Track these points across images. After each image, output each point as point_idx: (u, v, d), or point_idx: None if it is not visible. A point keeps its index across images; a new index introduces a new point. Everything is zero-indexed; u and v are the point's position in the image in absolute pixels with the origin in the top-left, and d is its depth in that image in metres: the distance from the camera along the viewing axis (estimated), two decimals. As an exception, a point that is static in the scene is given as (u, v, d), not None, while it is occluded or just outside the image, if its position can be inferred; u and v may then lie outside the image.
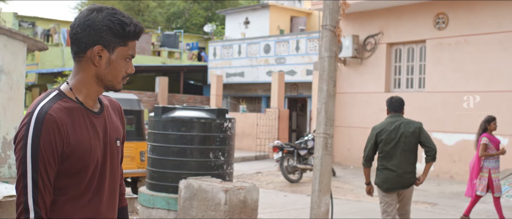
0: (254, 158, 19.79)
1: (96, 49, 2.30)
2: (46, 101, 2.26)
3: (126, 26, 2.34)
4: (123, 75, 2.42)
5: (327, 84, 7.82)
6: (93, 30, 2.29)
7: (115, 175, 2.49)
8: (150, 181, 8.80)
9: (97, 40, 2.30)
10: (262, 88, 24.92)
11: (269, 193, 12.73)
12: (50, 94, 2.32)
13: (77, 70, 2.37)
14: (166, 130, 8.64)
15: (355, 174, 15.71)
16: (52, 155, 2.19)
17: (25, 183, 2.15)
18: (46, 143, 2.17)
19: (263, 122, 21.12)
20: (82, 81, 2.36)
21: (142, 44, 30.37)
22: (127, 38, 2.36)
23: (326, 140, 7.77)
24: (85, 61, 2.34)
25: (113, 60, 2.35)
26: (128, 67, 2.42)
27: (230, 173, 8.93)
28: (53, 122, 2.19)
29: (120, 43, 2.35)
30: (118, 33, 2.32)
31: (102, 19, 2.30)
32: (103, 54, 2.32)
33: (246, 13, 27.50)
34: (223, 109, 8.99)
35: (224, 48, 25.61)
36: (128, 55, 2.40)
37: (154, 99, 24.61)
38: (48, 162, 2.18)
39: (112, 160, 2.45)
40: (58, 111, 2.23)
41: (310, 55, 21.60)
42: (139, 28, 2.40)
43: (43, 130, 2.17)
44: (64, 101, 2.29)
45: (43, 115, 2.20)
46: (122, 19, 2.34)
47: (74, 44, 2.34)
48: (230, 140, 8.90)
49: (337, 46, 8.03)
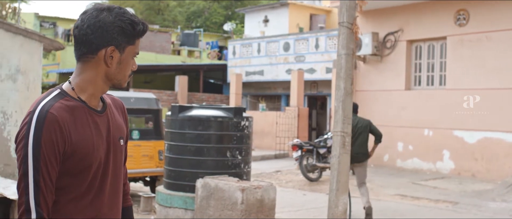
0: (273, 157, 19.73)
1: (109, 50, 2.28)
2: (47, 100, 2.23)
3: (136, 26, 2.33)
4: (129, 73, 2.42)
5: (345, 82, 7.73)
6: (105, 31, 2.26)
7: (118, 174, 2.44)
8: (167, 180, 8.79)
9: (110, 41, 2.28)
10: (281, 87, 24.84)
11: (288, 192, 12.66)
12: (52, 93, 2.28)
13: (82, 69, 2.33)
14: (183, 129, 8.61)
15: (375, 172, 15.57)
16: (54, 154, 2.16)
17: (26, 183, 2.12)
18: (48, 142, 2.14)
19: (283, 120, 21.04)
20: (88, 80, 2.32)
21: (162, 43, 30.43)
22: (136, 36, 2.35)
23: (344, 138, 7.68)
24: (95, 61, 2.31)
25: (123, 60, 2.34)
26: (132, 64, 2.41)
27: (248, 172, 8.89)
28: (54, 121, 2.16)
29: (129, 42, 2.33)
30: (129, 32, 2.31)
31: (113, 19, 2.28)
32: (114, 55, 2.31)
33: (265, 11, 27.43)
34: (240, 107, 8.94)
35: (243, 46, 25.57)
36: (136, 53, 2.40)
37: (173, 98, 24.64)
38: (49, 161, 2.15)
39: (115, 160, 2.41)
40: (60, 110, 2.19)
41: (330, 53, 21.47)
42: (146, 26, 2.40)
43: (45, 129, 2.14)
44: (66, 100, 2.25)
45: (45, 114, 2.16)
46: (132, 19, 2.32)
47: (83, 45, 2.30)
48: (247, 138, 8.85)
49: (354, 43, 7.94)
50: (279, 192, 11.75)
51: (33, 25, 28.81)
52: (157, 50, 29.78)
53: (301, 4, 27.06)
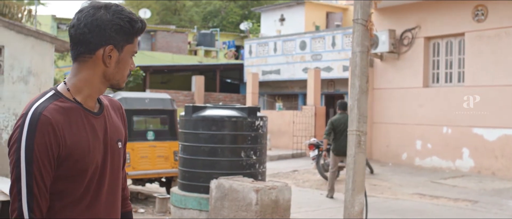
0: (290, 156, 19.62)
1: (107, 49, 2.20)
2: (41, 102, 2.14)
3: (135, 23, 2.25)
4: (128, 72, 2.33)
5: (360, 79, 7.61)
6: (103, 30, 2.18)
7: (116, 178, 2.36)
8: (182, 181, 8.72)
9: (108, 40, 2.20)
10: (298, 86, 24.71)
11: (305, 192, 12.56)
12: (46, 94, 2.20)
13: (79, 69, 2.25)
14: (197, 129, 8.54)
15: (393, 171, 15.41)
16: (47, 158, 2.07)
17: (19, 188, 2.04)
18: (41, 146, 2.06)
19: (300, 119, 20.91)
20: (85, 81, 2.24)
21: (178, 43, 30.45)
22: (135, 35, 2.27)
23: (359, 137, 7.55)
24: (93, 61, 2.23)
25: (121, 59, 2.26)
26: (131, 63, 2.33)
27: (263, 172, 8.79)
28: (47, 123, 2.08)
29: (128, 41, 2.26)
30: (127, 31, 2.23)
31: (111, 17, 2.20)
32: (113, 54, 2.23)
33: (281, 10, 27.32)
34: (255, 107, 8.85)
35: (259, 45, 25.47)
36: (134, 51, 2.31)
37: (190, 98, 24.62)
38: (43, 165, 2.07)
39: (113, 163, 2.32)
40: (54, 112, 2.11)
41: (347, 51, 21.31)
42: (145, 24, 2.32)
43: (37, 132, 2.06)
44: (60, 101, 2.17)
45: (37, 116, 2.08)
46: (131, 16, 2.24)
47: (80, 44, 2.22)
48: (262, 138, 8.76)
49: (369, 41, 7.81)
50: (296, 192, 11.66)
51: (50, 27, 28.94)
52: (174, 51, 29.80)
53: (317, 2, 26.92)
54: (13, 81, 7.17)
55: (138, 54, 18.31)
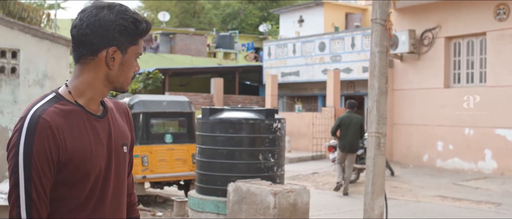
0: (310, 158, 19.48)
1: (110, 51, 2.12)
2: (40, 104, 2.06)
3: (140, 24, 2.16)
4: (132, 75, 2.24)
5: (379, 80, 7.46)
6: (106, 31, 2.10)
7: (121, 184, 2.27)
8: (199, 185, 8.66)
9: (111, 41, 2.11)
10: (317, 87, 24.56)
11: (325, 194, 12.43)
12: (46, 97, 2.13)
13: (81, 71, 2.17)
14: (214, 132, 8.48)
15: (414, 173, 15.21)
16: (47, 163, 1.99)
17: (17, 195, 1.96)
18: (40, 151, 1.98)
19: (319, 121, 20.76)
20: (87, 83, 2.16)
21: (197, 46, 30.45)
22: (139, 36, 2.19)
23: (379, 139, 7.41)
24: (95, 63, 2.14)
25: (125, 61, 2.18)
26: (136, 66, 2.24)
27: (281, 175, 8.70)
28: (47, 127, 2.00)
29: (132, 42, 2.17)
30: (131, 32, 2.15)
31: (114, 18, 2.12)
32: (116, 56, 2.14)
33: (300, 11, 27.19)
34: (272, 109, 8.77)
35: (278, 47, 25.37)
36: (138, 53, 2.22)
37: (209, 101, 24.58)
38: (42, 171, 1.99)
39: (117, 168, 2.24)
40: (53, 115, 2.03)
41: (366, 51, 21.11)
42: (149, 25, 2.23)
43: (36, 136, 1.98)
44: (61, 104, 2.09)
45: (36, 119, 2.00)
46: (135, 17, 2.16)
47: (82, 46, 2.14)
48: (280, 141, 8.67)
49: (388, 41, 7.66)
50: (316, 195, 11.54)
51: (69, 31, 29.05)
52: (193, 53, 29.80)
53: (336, 3, 26.75)
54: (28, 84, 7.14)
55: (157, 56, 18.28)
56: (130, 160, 2.41)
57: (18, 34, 7.00)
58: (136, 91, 21.80)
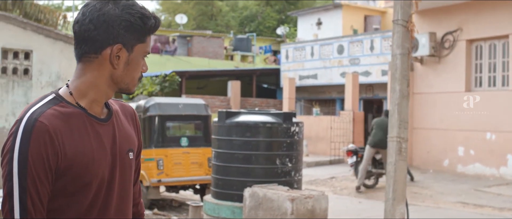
0: (328, 163, 19.24)
1: (115, 48, 1.94)
2: (38, 106, 1.89)
3: (148, 20, 1.98)
4: (139, 75, 2.06)
5: (400, 83, 7.23)
6: (110, 27, 1.92)
7: (126, 193, 2.08)
8: (215, 189, 8.50)
9: (115, 37, 1.94)
10: (336, 90, 24.32)
11: (343, 200, 12.21)
12: (45, 98, 1.95)
13: (83, 71, 1.99)
14: (230, 135, 8.31)
15: (435, 178, 14.92)
16: (44, 171, 1.82)
17: (11, 206, 1.79)
18: (36, 157, 1.80)
19: (338, 125, 20.51)
20: (90, 83, 1.98)
21: (214, 48, 30.32)
22: (147, 33, 2.01)
23: (400, 144, 7.18)
24: (99, 62, 1.97)
25: (131, 60, 2.00)
26: (142, 65, 2.06)
27: (299, 180, 8.50)
28: (44, 131, 1.82)
29: (139, 39, 1.99)
30: (138, 28, 1.96)
31: (120, 13, 1.94)
32: (121, 54, 1.96)
33: (318, 13, 26.98)
34: (290, 112, 8.59)
35: (296, 50, 25.16)
36: (146, 52, 2.04)
37: (226, 104, 24.42)
38: (38, 179, 1.81)
39: (122, 176, 2.05)
40: (52, 118, 1.86)
41: (386, 55, 20.86)
42: (158, 21, 2.05)
43: (32, 141, 1.81)
44: (60, 106, 1.91)
45: (33, 122, 1.83)
46: (143, 12, 1.97)
47: (85, 42, 1.96)
48: (298, 145, 8.48)
49: (410, 43, 7.44)
50: (334, 200, 11.32)
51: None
52: (210, 56, 29.67)
53: (355, 5, 26.50)
54: (41, 86, 7.02)
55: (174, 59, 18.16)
56: (137, 167, 2.22)
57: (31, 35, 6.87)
58: (152, 94, 21.71)
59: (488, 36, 15.62)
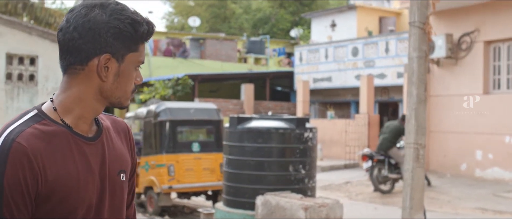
0: (343, 167, 18.95)
1: (103, 59, 1.72)
2: (16, 125, 1.68)
3: (139, 26, 1.75)
4: (132, 88, 1.83)
5: (417, 87, 6.97)
6: (97, 35, 1.71)
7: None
8: (226, 197, 8.30)
9: (103, 47, 1.72)
10: (350, 93, 24.03)
11: (358, 205, 11.94)
12: (25, 115, 1.74)
13: (69, 84, 1.77)
14: (242, 141, 8.11)
15: (452, 183, 14.60)
16: (22, 198, 1.61)
17: None
18: (12, 183, 1.60)
19: (352, 128, 20.23)
20: (76, 98, 1.76)
21: (227, 51, 30.14)
22: (140, 41, 1.78)
23: (418, 151, 6.91)
24: (85, 74, 1.75)
25: (122, 71, 1.77)
26: (136, 76, 1.83)
27: (312, 187, 8.28)
28: (22, 153, 1.61)
29: (130, 48, 1.76)
30: (129, 35, 1.74)
31: (107, 18, 1.71)
32: (110, 65, 1.74)
33: (332, 15, 26.70)
34: (303, 118, 8.36)
35: (310, 52, 24.91)
36: (139, 62, 1.81)
37: (239, 107, 24.21)
38: (16, 208, 1.61)
39: (113, 200, 1.83)
40: (31, 138, 1.64)
41: (401, 57, 20.55)
42: (152, 27, 1.81)
43: (9, 165, 1.60)
44: (42, 124, 1.70)
45: (10, 144, 1.62)
46: (134, 17, 1.75)
47: (69, 53, 1.75)
48: (312, 151, 8.25)
49: (427, 45, 7.18)
50: (349, 206, 11.06)
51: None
52: (223, 59, 29.48)
53: (369, 7, 26.21)
54: (47, 92, 6.83)
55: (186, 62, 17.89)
56: (131, 188, 2.00)
57: (36, 40, 6.69)
58: (165, 97, 21.55)
59: (507, 37, 15.29)
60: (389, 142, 13.21)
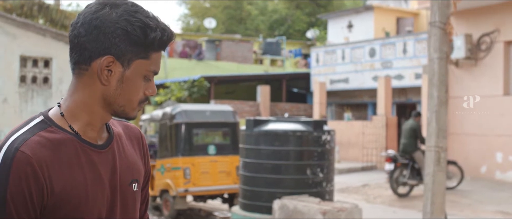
0: (360, 169, 18.75)
1: (105, 60, 1.59)
2: (21, 133, 1.56)
3: (150, 31, 1.60)
4: (140, 98, 1.68)
5: (438, 89, 6.81)
6: (102, 33, 1.58)
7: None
8: (243, 201, 8.18)
9: (108, 48, 1.59)
10: (368, 95, 23.81)
11: (377, 209, 11.77)
12: (31, 122, 1.62)
13: (75, 87, 1.65)
14: (259, 144, 7.98)
15: (473, 185, 14.37)
16: (26, 211, 1.50)
17: None
18: (16, 195, 1.49)
19: (370, 130, 20.02)
20: (81, 103, 1.64)
21: (243, 52, 30.05)
22: (150, 48, 1.63)
23: (439, 154, 6.75)
24: (89, 76, 1.62)
25: (127, 78, 1.63)
26: (148, 87, 1.68)
27: (330, 191, 8.13)
28: (26, 163, 1.50)
29: (139, 54, 1.62)
30: (137, 40, 1.60)
31: (117, 18, 1.58)
32: (114, 68, 1.61)
33: (349, 16, 26.50)
34: (321, 120, 8.21)
35: (327, 53, 24.73)
36: (149, 71, 1.66)
37: (255, 109, 24.08)
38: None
39: (125, 212, 1.71)
40: (37, 147, 1.53)
41: (419, 58, 20.31)
42: (168, 35, 1.65)
43: (12, 176, 1.48)
44: (48, 132, 1.58)
45: (13, 153, 1.50)
46: (146, 21, 1.60)
47: (75, 50, 1.63)
48: (329, 154, 8.10)
49: (448, 46, 7.01)
50: (367, 209, 10.88)
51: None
52: (239, 60, 29.38)
53: (386, 7, 25.97)
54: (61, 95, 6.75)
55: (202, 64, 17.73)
56: (144, 199, 1.87)
57: (50, 42, 6.62)
58: (181, 99, 21.48)
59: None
60: (412, 144, 13.07)
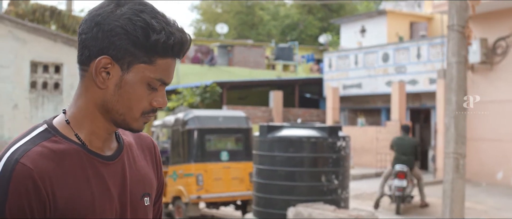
0: (374, 175, 18.55)
1: (101, 61, 1.45)
2: (23, 142, 1.43)
3: (153, 33, 1.44)
4: (143, 108, 1.50)
5: (456, 94, 6.65)
6: (101, 31, 1.43)
7: None
8: (256, 208, 8.05)
9: (106, 47, 1.44)
10: (381, 100, 23.61)
11: (391, 216, 11.59)
12: (34, 131, 1.49)
13: (80, 91, 1.53)
14: (272, 151, 7.85)
15: (488, 192, 14.15)
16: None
17: None
18: (16, 210, 1.36)
19: (384, 136, 19.82)
20: (84, 110, 1.51)
21: (256, 58, 29.97)
22: (153, 52, 1.46)
23: (458, 161, 6.59)
24: (89, 78, 1.49)
25: (126, 82, 1.47)
26: (154, 97, 1.51)
27: (346, 198, 7.98)
28: (26, 176, 1.37)
29: (140, 57, 1.45)
30: (137, 41, 1.44)
31: (119, 16, 1.44)
32: (112, 71, 1.46)
33: (362, 21, 26.34)
34: (336, 126, 8.08)
35: (339, 58, 24.57)
36: (153, 79, 1.48)
37: (268, 114, 23.95)
38: None
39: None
40: (39, 158, 1.40)
41: (433, 62, 20.09)
42: (175, 40, 1.47)
43: (11, 190, 1.36)
44: (52, 142, 1.45)
45: (13, 165, 1.38)
46: (149, 21, 1.44)
47: (78, 49, 1.52)
48: (345, 160, 7.95)
49: (466, 50, 6.85)
50: (381, 216, 10.72)
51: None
52: (251, 65, 29.29)
53: (400, 12, 25.79)
54: (72, 101, 6.66)
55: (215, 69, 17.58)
56: (157, 213, 1.74)
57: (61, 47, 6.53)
58: (193, 105, 21.39)
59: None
60: (411, 161, 12.23)
